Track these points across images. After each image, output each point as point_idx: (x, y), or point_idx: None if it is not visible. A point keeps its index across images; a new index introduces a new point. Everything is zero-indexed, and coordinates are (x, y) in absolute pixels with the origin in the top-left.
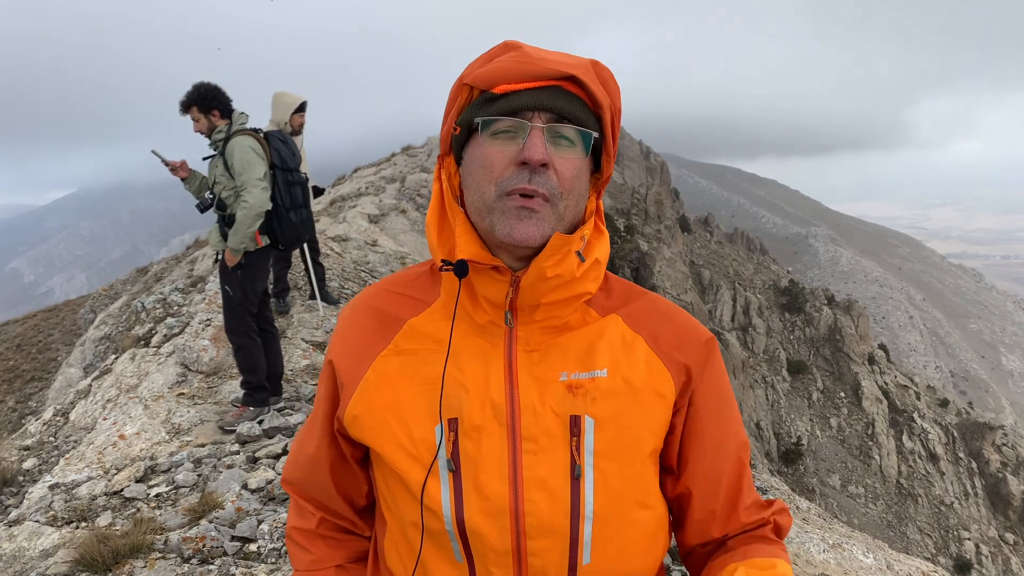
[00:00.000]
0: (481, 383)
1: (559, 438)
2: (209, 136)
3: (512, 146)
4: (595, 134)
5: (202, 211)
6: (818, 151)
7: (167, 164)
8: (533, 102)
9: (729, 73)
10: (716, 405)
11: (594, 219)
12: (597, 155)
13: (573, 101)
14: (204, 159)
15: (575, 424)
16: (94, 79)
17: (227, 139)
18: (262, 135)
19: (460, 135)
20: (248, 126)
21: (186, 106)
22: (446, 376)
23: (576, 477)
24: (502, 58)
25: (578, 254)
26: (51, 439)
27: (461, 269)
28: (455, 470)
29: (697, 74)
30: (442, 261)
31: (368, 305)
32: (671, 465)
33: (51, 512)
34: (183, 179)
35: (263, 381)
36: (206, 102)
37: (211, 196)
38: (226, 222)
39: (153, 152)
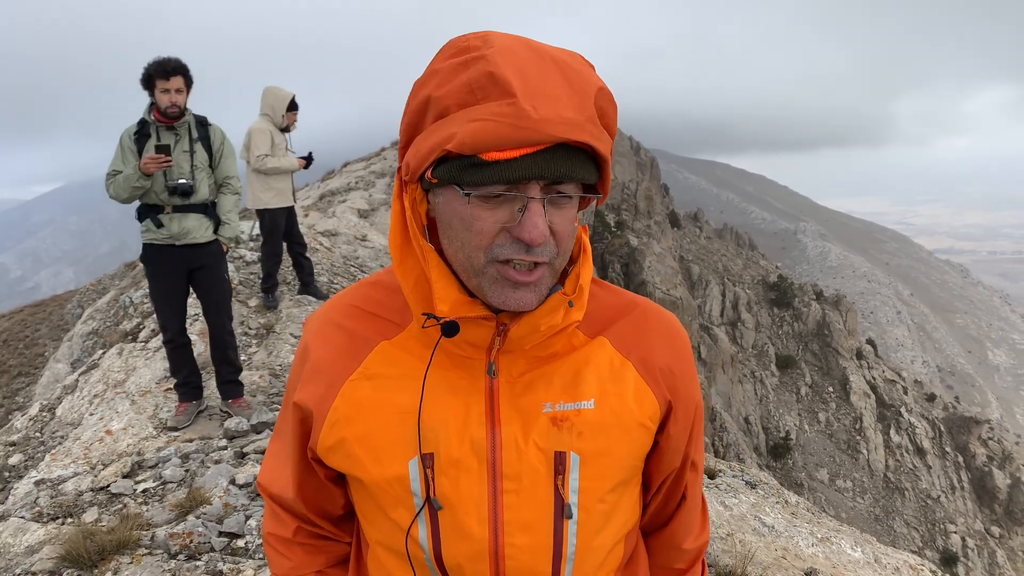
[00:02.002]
0: (460, 416)
1: (543, 476)
2: (180, 115)
3: (503, 212)
4: (598, 196)
5: (188, 196)
6: (802, 147)
7: (166, 159)
8: (532, 172)
9: (712, 69)
10: (685, 426)
11: (581, 244)
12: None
13: (575, 159)
14: (136, 136)
15: (560, 461)
16: (81, 70)
17: (204, 124)
18: None
19: (438, 182)
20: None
21: (174, 71)
22: (423, 407)
23: (560, 519)
24: (491, 114)
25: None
26: (37, 435)
27: (450, 329)
28: (431, 510)
29: (682, 71)
30: (424, 315)
31: (334, 323)
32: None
33: (37, 508)
34: (150, 174)
35: None
36: (190, 77)
37: (190, 183)
38: (206, 211)
39: (161, 146)
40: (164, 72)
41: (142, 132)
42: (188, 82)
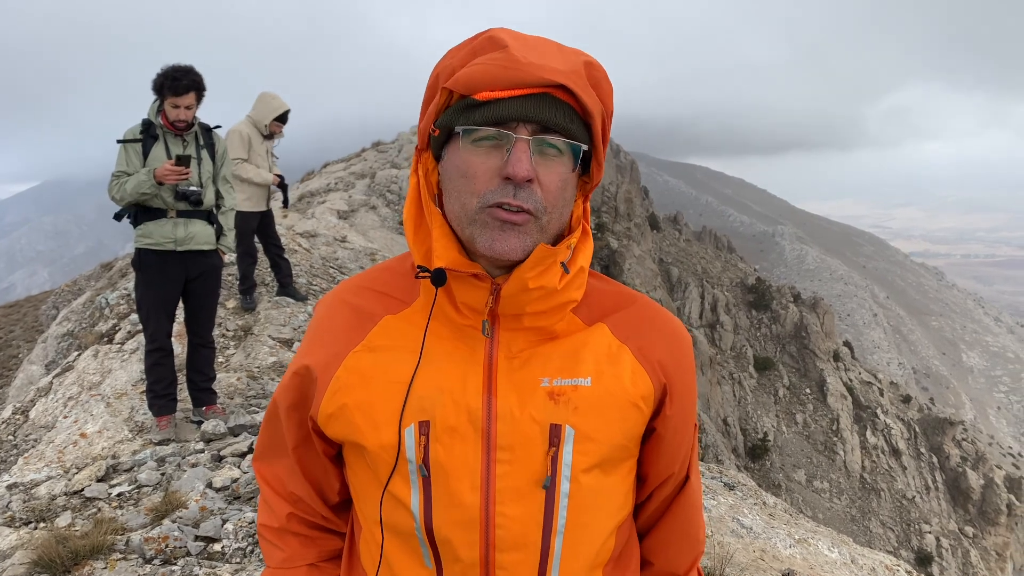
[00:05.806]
0: (458, 386)
1: (536, 448)
2: (188, 127)
3: (495, 157)
4: (584, 147)
5: (199, 205)
6: (776, 150)
7: (185, 172)
8: (519, 113)
9: (685, 69)
10: (683, 415)
11: (581, 225)
12: (587, 159)
13: (562, 110)
14: (120, 142)
15: (555, 434)
16: (57, 69)
17: (209, 131)
18: None
19: (440, 136)
20: None
21: (186, 89)
22: (421, 377)
23: (551, 490)
24: (486, 59)
25: (563, 265)
26: (10, 438)
27: (438, 278)
28: (426, 476)
29: (653, 72)
30: (418, 267)
31: (344, 300)
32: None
33: (9, 512)
34: (168, 184)
35: None
36: (203, 91)
37: (200, 191)
38: (209, 219)
39: (183, 157)
40: (175, 90)
41: (148, 134)
42: (200, 97)
